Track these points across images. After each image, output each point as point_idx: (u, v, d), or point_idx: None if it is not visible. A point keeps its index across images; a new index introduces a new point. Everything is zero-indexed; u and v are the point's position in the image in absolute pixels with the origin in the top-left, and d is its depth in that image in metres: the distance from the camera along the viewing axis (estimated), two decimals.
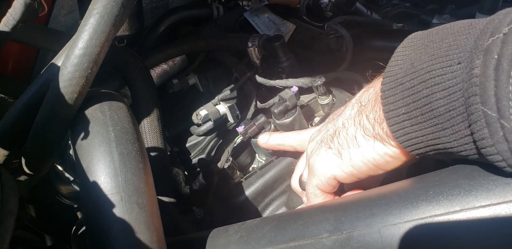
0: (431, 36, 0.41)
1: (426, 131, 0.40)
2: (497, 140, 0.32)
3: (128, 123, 0.52)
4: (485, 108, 0.32)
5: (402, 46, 0.44)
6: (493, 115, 0.32)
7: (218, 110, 0.93)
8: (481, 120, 0.33)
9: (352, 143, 0.48)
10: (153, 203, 0.49)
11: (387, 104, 0.42)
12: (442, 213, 0.36)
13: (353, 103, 0.50)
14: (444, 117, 0.37)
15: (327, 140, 0.52)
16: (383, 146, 0.46)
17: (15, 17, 0.52)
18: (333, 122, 0.53)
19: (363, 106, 0.48)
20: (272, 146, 0.71)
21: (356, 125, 0.48)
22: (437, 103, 0.37)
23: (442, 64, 0.37)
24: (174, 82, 0.96)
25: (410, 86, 0.40)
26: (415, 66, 0.40)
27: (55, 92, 0.49)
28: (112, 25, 0.50)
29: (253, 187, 0.77)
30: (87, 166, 0.48)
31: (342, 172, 0.50)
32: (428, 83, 0.38)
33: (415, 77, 0.39)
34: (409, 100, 0.40)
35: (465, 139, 0.36)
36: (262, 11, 1.09)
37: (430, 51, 0.39)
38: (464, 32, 0.37)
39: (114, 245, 0.44)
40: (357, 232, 0.40)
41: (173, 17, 1.01)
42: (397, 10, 1.26)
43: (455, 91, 0.36)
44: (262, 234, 0.48)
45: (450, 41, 0.38)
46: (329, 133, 0.52)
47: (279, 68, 0.93)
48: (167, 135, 0.97)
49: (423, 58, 0.39)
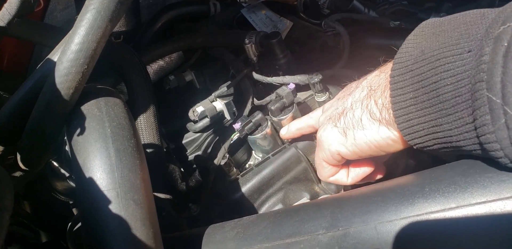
0: (443, 26, 0.42)
1: (430, 117, 0.40)
2: (498, 127, 0.32)
3: (124, 119, 0.52)
4: (490, 94, 0.33)
5: (414, 34, 0.45)
6: (497, 101, 0.32)
7: (214, 107, 0.93)
8: (484, 106, 0.33)
9: (358, 125, 0.49)
10: (149, 199, 0.49)
11: (395, 89, 0.43)
12: (438, 210, 0.36)
13: (364, 86, 0.51)
14: (450, 103, 0.37)
15: (335, 118, 0.53)
16: (387, 130, 0.47)
17: (10, 12, 0.52)
18: (342, 101, 0.54)
19: (372, 90, 0.49)
20: (294, 134, 0.73)
21: (363, 108, 0.49)
22: (444, 89, 0.38)
23: (452, 52, 0.38)
24: (171, 78, 0.96)
25: (419, 73, 0.40)
26: (425, 53, 0.40)
27: (51, 88, 0.49)
28: (109, 20, 0.49)
29: (249, 183, 0.77)
30: (83, 162, 0.48)
31: (346, 149, 0.52)
32: (438, 70, 0.38)
33: (425, 64, 0.40)
34: (418, 86, 0.41)
35: (467, 127, 0.36)
36: (259, 8, 1.09)
37: (441, 39, 0.40)
38: (476, 22, 0.38)
39: (110, 241, 0.44)
40: (353, 228, 0.40)
41: (170, 14, 1.00)
42: (394, 8, 1.26)
43: (463, 78, 0.36)
44: (259, 230, 0.48)
45: (462, 31, 0.38)
46: (338, 111, 0.54)
47: (276, 65, 0.93)
48: (164, 132, 0.97)
49: (434, 46, 0.40)
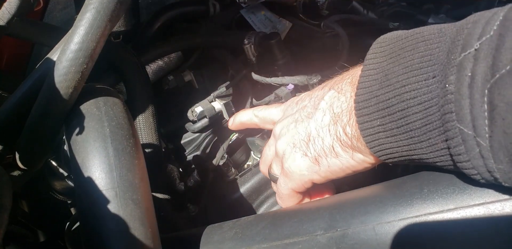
0: (401, 42, 0.41)
1: (402, 143, 0.40)
2: (473, 156, 0.33)
3: (123, 119, 0.52)
4: (461, 126, 0.32)
5: (372, 53, 0.44)
6: (469, 133, 0.32)
7: (213, 107, 0.93)
8: (457, 137, 0.33)
9: (330, 153, 0.48)
10: (148, 199, 0.49)
11: (361, 115, 0.42)
12: (436, 211, 0.36)
13: (324, 108, 0.50)
14: (421, 131, 0.37)
15: (301, 146, 0.51)
16: (362, 156, 0.47)
17: (10, 11, 0.52)
18: (303, 125, 0.52)
19: (336, 116, 0.47)
20: (237, 126, 0.71)
21: (332, 135, 0.48)
22: (413, 117, 0.37)
23: (417, 78, 0.37)
24: (170, 78, 0.96)
25: (384, 99, 0.40)
26: (389, 79, 0.40)
27: (50, 87, 0.49)
28: (108, 20, 0.49)
29: (248, 184, 0.77)
30: (81, 161, 0.48)
31: (319, 176, 0.51)
32: (404, 97, 0.38)
33: (390, 90, 0.39)
34: (384, 113, 0.40)
35: (441, 152, 0.36)
36: (259, 8, 1.09)
37: (403, 62, 0.39)
38: (435, 40, 0.37)
39: (108, 241, 0.44)
40: (351, 229, 0.40)
41: (169, 14, 1.00)
42: (393, 9, 1.26)
43: (431, 106, 0.36)
44: (257, 231, 0.48)
45: (422, 51, 0.38)
46: (301, 137, 0.51)
47: (275, 66, 0.93)
48: (162, 132, 0.97)
49: (397, 70, 0.39)
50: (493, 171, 0.32)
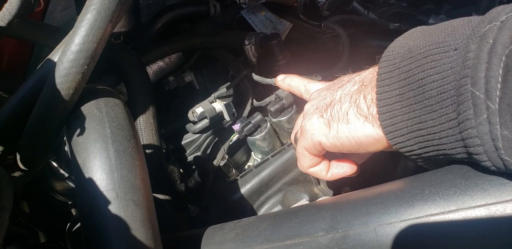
0: (432, 30, 0.42)
1: (415, 114, 0.40)
2: (480, 122, 0.33)
3: (124, 120, 0.52)
4: (473, 89, 0.33)
5: (403, 36, 0.45)
6: (481, 96, 0.33)
7: (214, 108, 0.93)
8: (468, 101, 0.34)
9: (343, 118, 0.49)
10: (149, 200, 0.49)
11: (382, 86, 0.43)
12: (437, 212, 0.36)
13: (356, 80, 0.51)
14: (435, 100, 0.38)
15: (322, 108, 0.53)
16: (371, 127, 0.47)
17: (11, 12, 0.52)
18: (331, 92, 0.54)
19: (364, 86, 0.49)
20: (284, 86, 0.72)
21: (351, 103, 0.49)
22: (430, 86, 0.38)
23: (439, 50, 0.38)
24: (170, 79, 0.96)
25: (406, 70, 0.41)
26: (412, 51, 0.41)
27: (51, 88, 0.49)
28: (109, 21, 0.49)
29: (248, 185, 0.77)
30: (82, 162, 0.48)
31: (327, 140, 0.52)
32: (424, 67, 0.39)
33: (412, 62, 0.40)
34: (404, 83, 0.41)
35: (450, 123, 0.37)
36: (259, 9, 1.09)
37: (428, 38, 0.40)
38: (463, 25, 0.39)
39: (109, 242, 0.44)
40: (353, 230, 0.40)
41: (170, 14, 1.00)
42: (393, 9, 1.26)
43: (449, 75, 0.37)
44: (258, 232, 0.48)
45: (449, 32, 0.39)
46: (326, 101, 0.53)
47: (276, 67, 0.93)
48: (163, 132, 0.97)
49: (421, 44, 0.40)
50: (497, 138, 0.32)
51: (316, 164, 0.58)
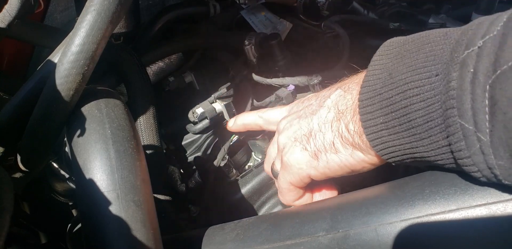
0: (407, 45, 0.41)
1: (404, 141, 0.40)
2: (474, 152, 0.33)
3: (124, 120, 0.52)
4: (462, 121, 0.33)
5: (379, 55, 0.44)
6: (470, 128, 0.32)
7: (214, 108, 0.93)
8: (458, 132, 0.33)
9: (330, 148, 0.48)
10: (150, 200, 0.49)
11: (365, 113, 0.43)
12: (438, 212, 0.36)
13: (329, 106, 0.50)
14: (422, 128, 0.37)
15: (302, 140, 0.51)
16: (362, 154, 0.47)
17: (11, 14, 0.52)
18: (306, 120, 0.52)
19: (340, 113, 0.48)
20: (239, 127, 0.70)
21: (334, 131, 0.48)
22: (415, 114, 0.38)
23: (420, 76, 0.37)
24: (171, 80, 0.96)
25: (388, 97, 0.40)
26: (393, 77, 0.40)
27: (51, 89, 0.49)
28: (109, 22, 0.49)
29: (249, 185, 0.77)
30: (83, 163, 0.48)
31: (317, 172, 0.51)
32: (407, 94, 0.38)
33: (393, 88, 0.40)
34: (387, 110, 0.40)
35: (443, 149, 0.37)
36: (259, 9, 1.09)
37: (408, 61, 0.39)
38: (440, 42, 0.38)
39: (110, 242, 0.44)
40: (353, 230, 0.40)
41: (170, 15, 1.00)
42: (393, 9, 1.26)
43: (434, 103, 0.36)
44: (259, 232, 0.48)
45: (427, 52, 0.38)
46: (303, 132, 0.52)
47: (276, 67, 0.93)
48: (163, 133, 0.97)
49: (401, 69, 0.40)
50: (493, 167, 0.32)
51: (301, 196, 0.57)
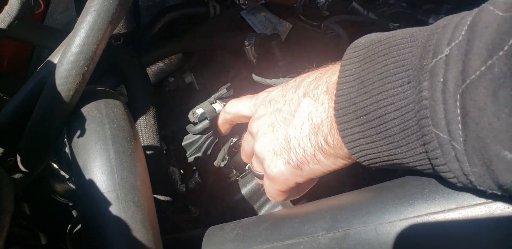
0: (374, 47, 0.41)
1: (382, 148, 0.40)
2: (449, 160, 0.33)
3: (124, 121, 0.52)
4: (436, 130, 0.33)
5: (348, 58, 0.44)
6: (445, 137, 0.33)
7: (214, 108, 0.93)
8: (434, 141, 0.34)
9: (312, 160, 0.49)
10: (149, 201, 0.49)
11: (341, 123, 0.43)
12: (437, 211, 0.36)
13: (302, 117, 0.49)
14: (399, 136, 0.38)
15: (283, 153, 0.51)
16: (344, 160, 0.48)
17: (11, 14, 0.52)
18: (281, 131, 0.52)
19: (316, 126, 0.47)
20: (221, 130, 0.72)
21: (313, 145, 0.48)
22: (391, 123, 0.38)
23: (392, 85, 0.38)
24: (170, 80, 0.96)
25: (363, 106, 0.40)
26: (366, 86, 0.40)
27: (51, 90, 0.49)
28: (109, 22, 0.49)
29: (249, 185, 0.77)
30: (83, 164, 0.48)
31: (303, 178, 0.52)
32: (381, 104, 0.39)
33: (367, 97, 0.40)
34: (363, 120, 0.41)
35: (420, 156, 0.37)
36: (259, 10, 1.09)
37: (378, 67, 0.40)
38: (407, 44, 0.38)
39: (110, 243, 0.44)
40: (353, 230, 0.40)
41: (170, 15, 1.00)
42: (393, 9, 1.26)
43: (408, 111, 0.37)
44: (258, 232, 0.48)
45: (395, 56, 0.38)
46: (281, 145, 0.51)
47: (276, 67, 0.93)
48: (163, 133, 0.97)
49: (373, 77, 0.40)
50: (469, 174, 0.32)
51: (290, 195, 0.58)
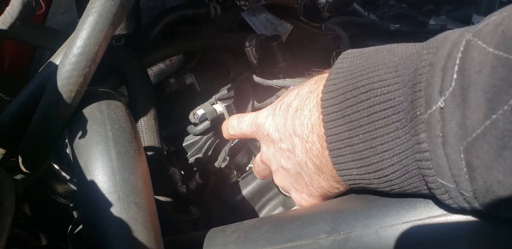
0: (355, 81, 0.39)
1: (384, 190, 0.40)
2: (458, 201, 0.33)
3: (125, 122, 0.52)
4: (443, 181, 0.32)
5: (328, 91, 0.42)
6: (452, 186, 0.32)
7: (215, 109, 0.93)
8: (440, 188, 0.33)
9: (332, 189, 0.48)
10: (151, 202, 0.49)
11: (337, 163, 0.41)
12: (440, 214, 0.36)
13: (303, 156, 0.47)
14: (400, 180, 0.37)
15: (303, 188, 0.51)
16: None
17: (12, 16, 0.52)
18: (291, 171, 0.51)
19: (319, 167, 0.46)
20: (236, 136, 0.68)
21: (326, 181, 0.47)
22: (390, 169, 0.37)
23: (385, 130, 0.36)
24: (171, 81, 0.96)
25: (358, 150, 0.39)
26: (355, 128, 0.38)
27: (53, 91, 0.49)
28: (111, 24, 0.49)
29: (249, 186, 0.77)
30: (84, 165, 0.48)
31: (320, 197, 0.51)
32: (378, 150, 0.37)
33: (361, 141, 0.38)
34: (360, 163, 0.39)
35: (424, 192, 0.36)
36: (260, 11, 1.09)
37: (363, 108, 0.38)
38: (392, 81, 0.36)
39: (111, 244, 0.44)
40: (354, 233, 0.40)
41: (170, 17, 1.00)
42: (394, 11, 1.27)
43: (407, 156, 0.35)
44: (260, 234, 0.48)
45: (379, 94, 0.36)
46: (298, 181, 0.51)
47: (277, 68, 0.93)
48: (164, 134, 0.97)
49: (360, 119, 0.38)
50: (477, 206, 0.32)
51: None
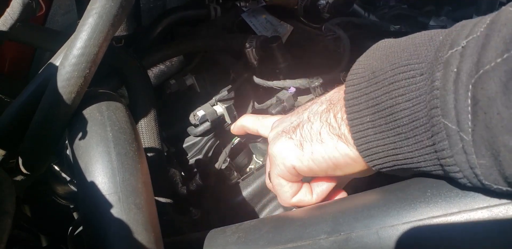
0: (393, 48, 0.42)
1: (389, 140, 0.40)
2: (456, 152, 0.33)
3: (126, 123, 0.52)
4: (445, 120, 0.33)
5: (365, 56, 0.45)
6: (453, 127, 0.33)
7: (215, 111, 0.93)
8: (442, 132, 0.34)
9: (316, 138, 0.47)
10: (151, 203, 0.49)
11: (351, 112, 0.43)
12: (440, 214, 0.36)
13: (322, 100, 0.50)
14: (408, 127, 0.38)
15: (289, 131, 0.51)
16: (346, 147, 0.45)
17: (13, 17, 0.52)
18: (297, 115, 0.52)
19: (332, 104, 0.47)
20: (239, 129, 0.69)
21: (322, 121, 0.47)
22: (401, 114, 0.38)
23: (405, 75, 0.38)
24: (172, 82, 0.96)
25: (374, 97, 0.40)
26: (377, 76, 0.40)
27: (53, 92, 0.49)
28: (111, 25, 0.49)
29: (250, 188, 0.77)
30: (84, 166, 0.48)
31: (301, 164, 0.49)
32: (393, 94, 0.38)
33: (378, 88, 0.40)
34: (374, 110, 0.40)
35: (426, 149, 0.37)
36: (260, 12, 1.09)
37: (391, 60, 0.40)
38: (425, 44, 0.38)
39: (112, 245, 0.44)
40: (355, 233, 0.40)
41: (171, 18, 1.00)
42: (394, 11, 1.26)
43: (419, 103, 0.36)
44: (260, 235, 0.48)
45: (411, 51, 0.39)
46: (293, 124, 0.51)
47: (277, 69, 0.93)
48: (164, 135, 0.97)
49: (385, 67, 0.40)
50: (475, 166, 0.32)
51: (297, 191, 0.53)
